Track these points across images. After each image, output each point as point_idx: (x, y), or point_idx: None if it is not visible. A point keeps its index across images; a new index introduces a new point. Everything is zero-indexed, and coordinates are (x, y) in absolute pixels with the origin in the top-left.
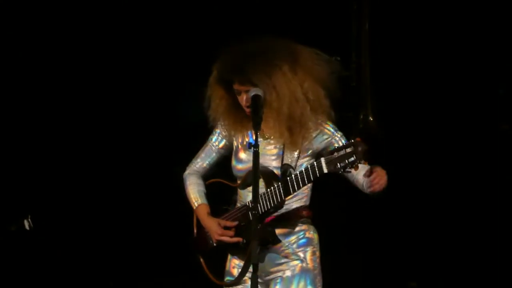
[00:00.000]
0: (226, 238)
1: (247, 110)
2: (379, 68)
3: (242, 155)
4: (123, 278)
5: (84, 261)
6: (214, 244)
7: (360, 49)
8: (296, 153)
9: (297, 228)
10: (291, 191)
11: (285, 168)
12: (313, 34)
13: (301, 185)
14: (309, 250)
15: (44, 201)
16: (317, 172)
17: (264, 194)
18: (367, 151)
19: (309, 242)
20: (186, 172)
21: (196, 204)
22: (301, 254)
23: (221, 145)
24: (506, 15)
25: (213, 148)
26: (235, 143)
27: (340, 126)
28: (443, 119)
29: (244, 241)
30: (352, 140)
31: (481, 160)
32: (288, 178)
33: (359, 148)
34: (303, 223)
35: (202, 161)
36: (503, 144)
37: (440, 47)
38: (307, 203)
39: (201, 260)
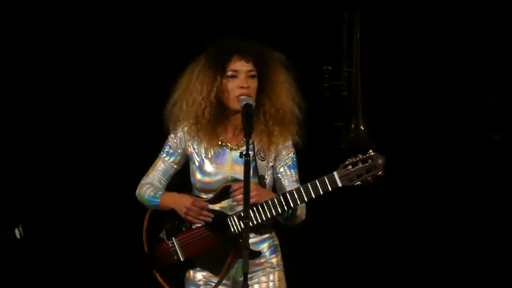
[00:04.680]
0: (207, 218)
1: (240, 93)
2: (370, 77)
3: (209, 167)
4: None
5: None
6: (182, 259)
7: (351, 59)
8: (265, 163)
9: (267, 236)
10: (292, 205)
11: (261, 180)
12: (304, 43)
13: (305, 199)
14: (279, 256)
15: (36, 209)
16: (329, 186)
17: (259, 206)
18: (385, 163)
19: (277, 248)
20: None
21: (158, 195)
22: (274, 261)
23: (172, 159)
24: (497, 27)
25: (166, 163)
26: (196, 157)
27: (331, 135)
28: (435, 128)
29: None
30: (370, 153)
31: (473, 170)
32: (289, 191)
33: (380, 161)
34: (270, 230)
35: (156, 177)
36: (495, 154)
37: (431, 56)
38: None
39: (158, 275)
